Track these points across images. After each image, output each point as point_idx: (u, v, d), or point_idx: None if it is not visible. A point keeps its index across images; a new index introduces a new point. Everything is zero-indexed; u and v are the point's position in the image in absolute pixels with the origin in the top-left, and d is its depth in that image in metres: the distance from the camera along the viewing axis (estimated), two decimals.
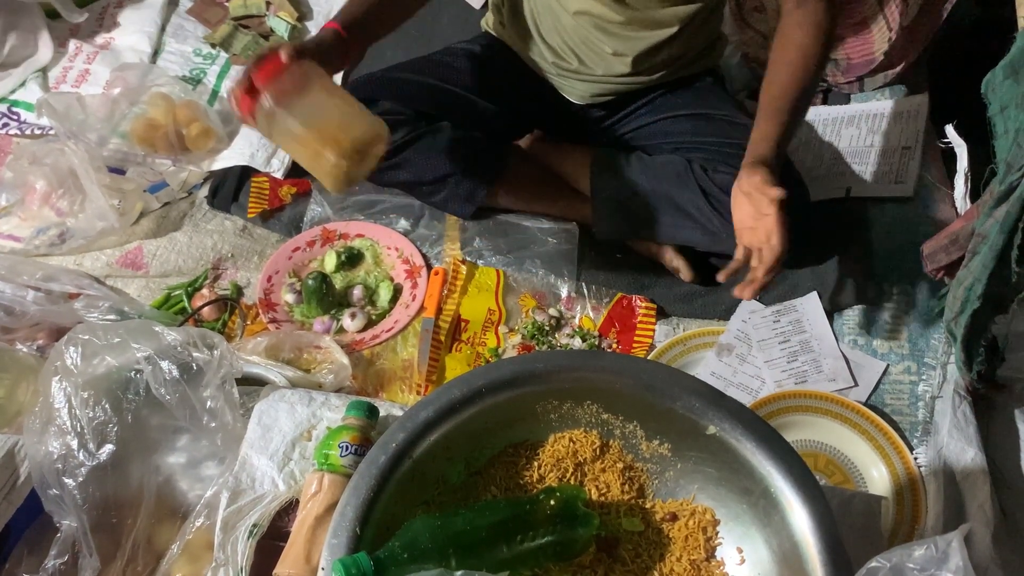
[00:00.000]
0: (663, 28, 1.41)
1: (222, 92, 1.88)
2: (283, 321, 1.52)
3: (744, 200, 1.26)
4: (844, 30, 1.69)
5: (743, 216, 1.26)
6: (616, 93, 1.54)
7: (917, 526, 1.21)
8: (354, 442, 1.03)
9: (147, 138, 1.71)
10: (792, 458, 0.88)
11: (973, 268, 1.15)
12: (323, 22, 2.01)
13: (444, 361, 1.47)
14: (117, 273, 1.59)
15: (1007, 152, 1.10)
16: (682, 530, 0.95)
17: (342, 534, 0.83)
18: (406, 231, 1.64)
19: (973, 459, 1.21)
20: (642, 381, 0.94)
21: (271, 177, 1.73)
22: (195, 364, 1.11)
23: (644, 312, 1.49)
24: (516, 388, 0.94)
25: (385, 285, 1.57)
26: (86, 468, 1.06)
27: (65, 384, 1.08)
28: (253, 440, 1.11)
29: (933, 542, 0.72)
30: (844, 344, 1.41)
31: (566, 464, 0.98)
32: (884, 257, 1.50)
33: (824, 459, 1.31)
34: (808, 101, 1.33)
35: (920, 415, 1.33)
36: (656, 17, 1.40)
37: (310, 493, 1.02)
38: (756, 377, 1.40)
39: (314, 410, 1.15)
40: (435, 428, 0.90)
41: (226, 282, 1.59)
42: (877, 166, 1.62)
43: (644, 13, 1.39)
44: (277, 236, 1.67)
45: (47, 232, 1.59)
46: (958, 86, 1.37)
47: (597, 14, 1.40)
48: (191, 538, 1.07)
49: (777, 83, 1.30)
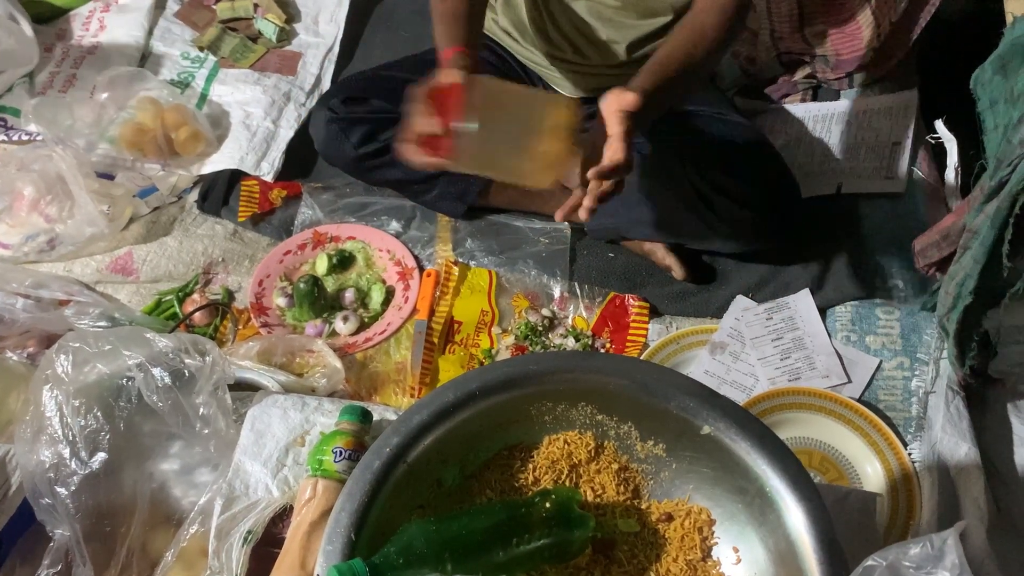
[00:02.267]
0: (657, 17, 1.42)
1: (211, 96, 1.87)
2: (275, 325, 1.51)
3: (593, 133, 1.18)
4: (832, 26, 1.70)
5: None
6: (608, 86, 1.53)
7: (912, 522, 1.21)
8: (348, 447, 1.03)
9: (136, 143, 1.70)
10: (787, 457, 0.88)
11: (964, 263, 1.16)
12: (311, 24, 2.02)
13: (437, 363, 1.47)
14: (107, 279, 1.58)
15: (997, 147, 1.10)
16: (678, 530, 0.95)
17: (337, 540, 0.83)
18: (398, 233, 1.64)
19: (967, 454, 1.21)
20: (636, 382, 0.93)
21: (261, 180, 1.72)
22: (187, 370, 1.11)
23: (637, 311, 1.49)
24: (510, 390, 0.93)
25: (377, 287, 1.56)
26: (78, 476, 1.06)
27: (56, 392, 1.08)
28: (246, 446, 1.11)
29: (928, 540, 0.72)
30: (837, 341, 1.41)
31: (561, 466, 0.98)
32: (876, 253, 1.50)
33: (819, 456, 1.32)
34: (688, 83, 1.28)
35: (913, 411, 1.33)
36: (651, 5, 1.41)
37: (304, 499, 1.02)
38: (750, 375, 1.40)
39: (307, 415, 1.15)
40: (429, 432, 0.90)
41: (217, 287, 1.58)
42: (868, 162, 1.62)
43: (639, 1, 1.40)
44: (268, 239, 1.66)
45: (36, 239, 1.58)
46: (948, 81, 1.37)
47: (593, 1, 1.40)
48: (185, 545, 1.07)
49: (664, 50, 1.23)
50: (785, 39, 1.73)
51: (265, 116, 1.81)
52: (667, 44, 1.24)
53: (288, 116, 1.83)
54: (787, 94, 1.78)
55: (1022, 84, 1.06)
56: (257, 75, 1.90)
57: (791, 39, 1.73)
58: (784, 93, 1.78)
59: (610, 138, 1.12)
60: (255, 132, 1.78)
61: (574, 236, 1.59)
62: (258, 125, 1.79)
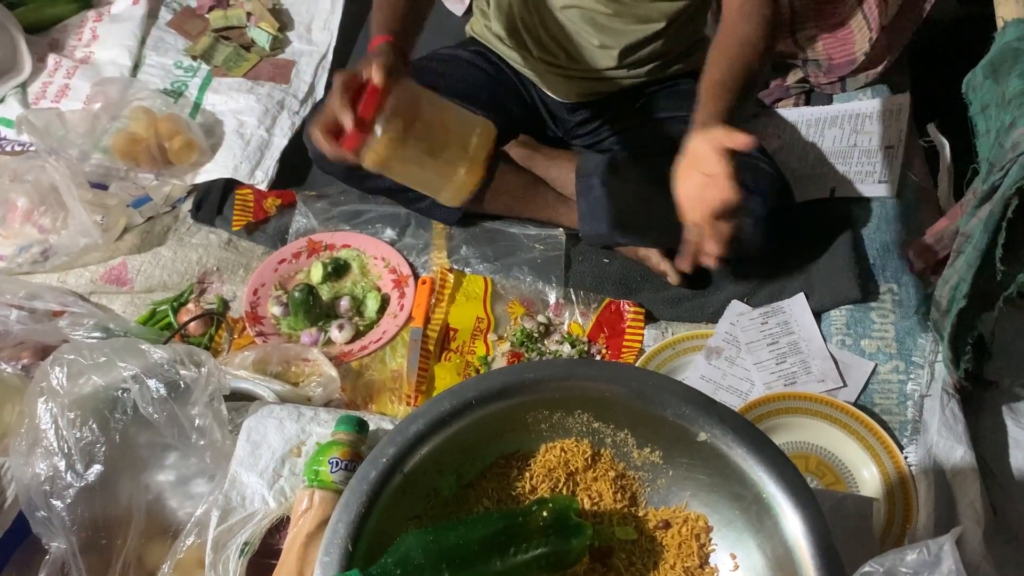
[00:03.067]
0: (650, 23, 1.43)
1: (204, 105, 1.87)
2: (270, 334, 1.51)
3: (689, 170, 1.17)
4: (824, 30, 1.70)
5: (689, 187, 1.16)
6: (601, 92, 1.54)
7: (908, 526, 1.21)
8: (344, 457, 1.03)
9: (129, 152, 1.70)
10: (783, 463, 0.88)
11: (958, 267, 1.16)
12: (304, 32, 2.02)
13: (433, 371, 1.47)
14: (101, 289, 1.58)
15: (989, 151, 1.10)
16: (675, 537, 0.95)
17: (334, 551, 0.82)
18: (392, 240, 1.64)
19: (963, 457, 1.21)
20: (632, 389, 0.93)
21: (255, 189, 1.72)
22: (182, 382, 1.11)
23: (632, 317, 1.49)
24: (506, 399, 0.93)
25: (372, 295, 1.56)
26: (74, 489, 1.06)
27: (51, 404, 1.07)
28: (242, 457, 1.11)
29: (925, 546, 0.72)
30: (832, 345, 1.42)
31: (558, 474, 0.98)
32: (870, 257, 1.50)
33: (815, 460, 1.32)
34: (752, 92, 1.27)
35: (909, 414, 1.33)
36: (644, 12, 1.41)
37: (301, 510, 1.02)
38: (745, 380, 1.40)
39: (303, 425, 1.14)
40: (426, 441, 0.90)
41: (212, 296, 1.58)
42: (861, 166, 1.62)
43: (632, 7, 1.40)
44: (262, 248, 1.66)
45: (30, 249, 1.58)
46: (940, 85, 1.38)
47: (586, 7, 1.41)
48: (182, 557, 1.06)
49: (720, 69, 1.23)
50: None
51: (259, 125, 1.81)
52: (721, 62, 1.23)
53: (282, 124, 1.83)
54: (780, 98, 1.78)
55: (1013, 88, 1.06)
56: (251, 84, 1.90)
57: (782, 42, 1.74)
58: (776, 98, 1.79)
59: (717, 177, 1.11)
60: (249, 141, 1.78)
61: (569, 242, 1.59)
62: (252, 134, 1.79)
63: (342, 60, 2.00)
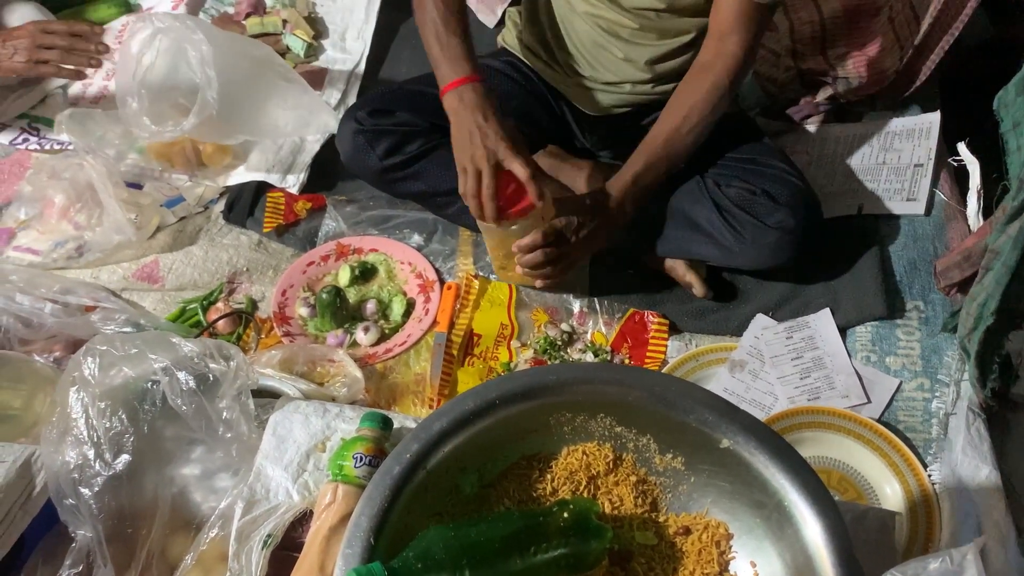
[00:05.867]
0: (675, 37, 1.44)
1: None
2: (297, 334, 1.53)
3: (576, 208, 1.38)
4: (855, 48, 1.70)
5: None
6: (629, 104, 1.55)
7: (931, 544, 1.20)
8: (368, 453, 1.04)
9: (164, 153, 1.73)
10: (805, 471, 0.88)
11: (986, 284, 1.16)
12: (338, 40, 2.05)
13: (456, 375, 1.48)
14: (133, 286, 1.61)
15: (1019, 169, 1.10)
16: (695, 544, 0.95)
17: (356, 544, 0.83)
18: (419, 246, 1.66)
19: (987, 476, 1.20)
20: (655, 394, 0.93)
21: (286, 192, 1.74)
22: (211, 375, 1.12)
23: (656, 327, 1.50)
24: (529, 400, 0.94)
25: (398, 299, 1.57)
26: (102, 478, 1.07)
27: (82, 394, 1.09)
28: (268, 451, 1.12)
29: (948, 555, 0.72)
30: (857, 361, 1.41)
31: (579, 477, 0.98)
32: (896, 274, 1.50)
33: (837, 476, 1.31)
34: (682, 156, 1.41)
35: (934, 432, 1.32)
36: (668, 26, 1.42)
37: (324, 503, 1.02)
38: (769, 393, 1.40)
39: (328, 421, 1.15)
40: (449, 439, 0.90)
41: (241, 296, 1.60)
42: (889, 183, 1.62)
43: (657, 21, 1.41)
44: (292, 250, 1.68)
45: (65, 245, 1.61)
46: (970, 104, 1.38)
47: (612, 19, 1.42)
48: (205, 549, 1.07)
49: (661, 131, 1.39)
50: (807, 59, 1.74)
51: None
52: (660, 127, 1.40)
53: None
54: (809, 115, 1.79)
55: None
56: None
57: (813, 59, 1.74)
58: (806, 114, 1.79)
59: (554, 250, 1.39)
60: (282, 145, 1.80)
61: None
62: (285, 138, 1.82)
63: (375, 69, 2.02)
